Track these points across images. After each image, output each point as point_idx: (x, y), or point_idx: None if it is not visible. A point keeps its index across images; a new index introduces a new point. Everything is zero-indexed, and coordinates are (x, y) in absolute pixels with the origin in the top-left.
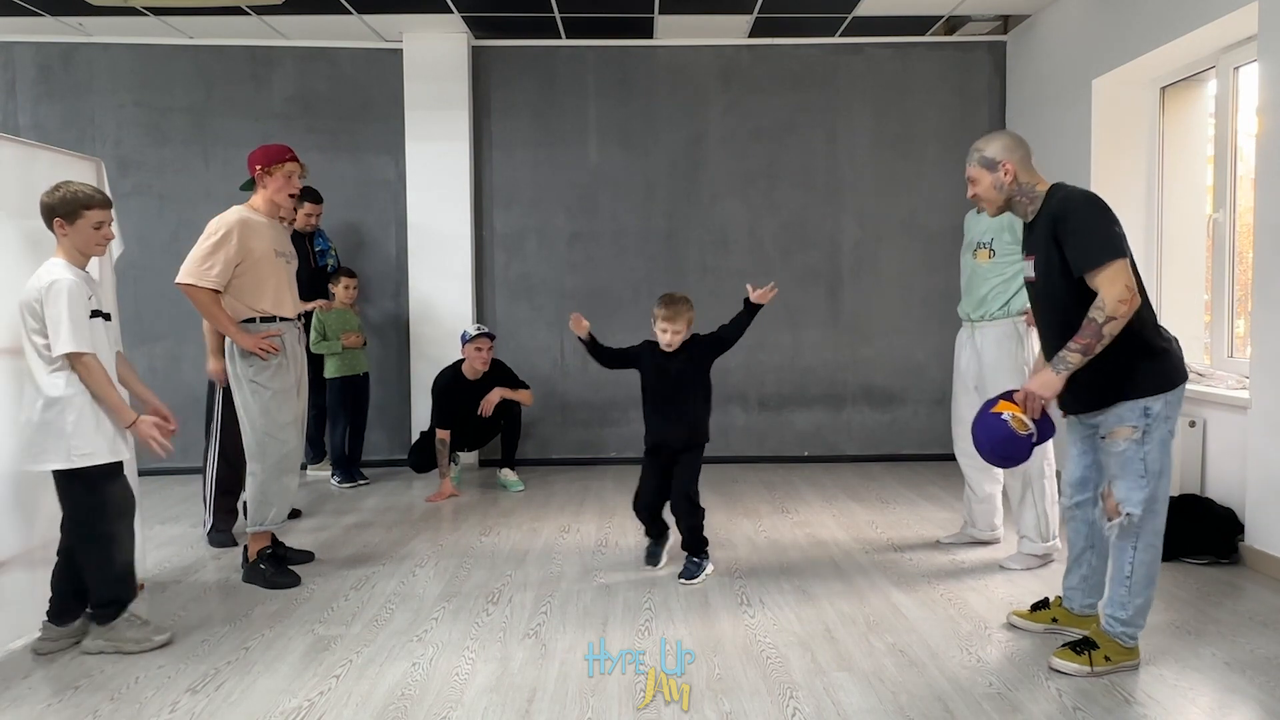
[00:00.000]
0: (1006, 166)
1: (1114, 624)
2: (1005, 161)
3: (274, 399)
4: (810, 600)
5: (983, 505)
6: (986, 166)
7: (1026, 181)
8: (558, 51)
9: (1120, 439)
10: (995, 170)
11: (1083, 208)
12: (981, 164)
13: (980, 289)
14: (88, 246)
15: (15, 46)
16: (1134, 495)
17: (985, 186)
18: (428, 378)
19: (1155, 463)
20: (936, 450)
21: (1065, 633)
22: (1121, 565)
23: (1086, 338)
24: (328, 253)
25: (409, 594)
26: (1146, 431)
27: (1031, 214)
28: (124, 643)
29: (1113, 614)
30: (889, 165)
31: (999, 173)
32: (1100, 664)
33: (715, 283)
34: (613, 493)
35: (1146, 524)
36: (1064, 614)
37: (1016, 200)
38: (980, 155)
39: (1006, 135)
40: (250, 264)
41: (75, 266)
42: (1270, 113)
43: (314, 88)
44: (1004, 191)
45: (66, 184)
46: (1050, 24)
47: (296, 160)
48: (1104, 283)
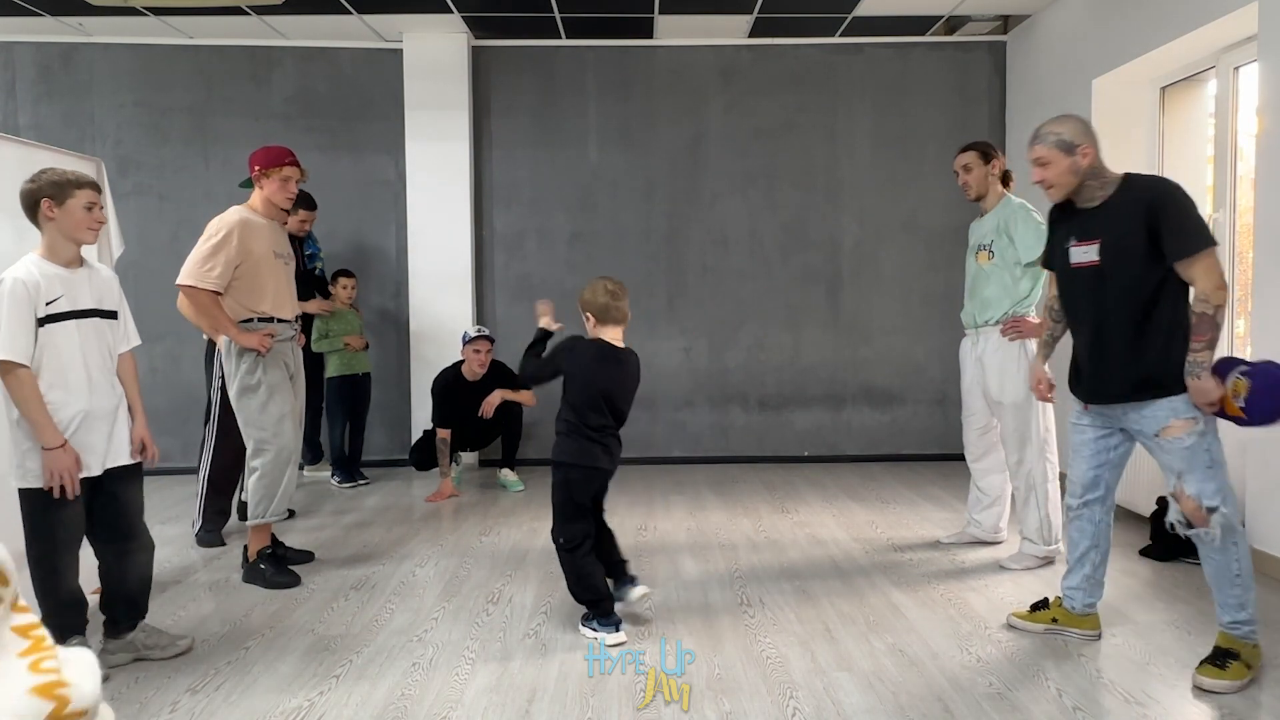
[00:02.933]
0: (1086, 150)
1: (1239, 627)
2: (1085, 145)
3: (268, 394)
4: (810, 600)
5: (993, 508)
6: (1063, 149)
7: (1098, 164)
8: (558, 51)
9: (1181, 433)
10: (1073, 154)
11: (1181, 197)
12: (1058, 146)
13: (983, 291)
14: (78, 230)
15: (15, 46)
16: (1208, 487)
17: (1060, 170)
18: (427, 378)
19: (1219, 452)
20: (936, 450)
21: (1065, 633)
22: (1228, 566)
23: (1208, 332)
24: (316, 256)
25: (409, 594)
26: (1207, 421)
27: (1100, 199)
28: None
29: (1235, 619)
30: (889, 165)
31: (1077, 156)
32: (1245, 674)
33: (715, 283)
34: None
35: (1234, 518)
36: (1064, 614)
37: (1087, 184)
38: (1057, 138)
39: (1078, 119)
40: (250, 265)
41: (51, 262)
42: (1270, 113)
43: (314, 88)
44: (1079, 175)
45: (50, 169)
46: (1050, 24)
47: (296, 165)
48: (1201, 271)
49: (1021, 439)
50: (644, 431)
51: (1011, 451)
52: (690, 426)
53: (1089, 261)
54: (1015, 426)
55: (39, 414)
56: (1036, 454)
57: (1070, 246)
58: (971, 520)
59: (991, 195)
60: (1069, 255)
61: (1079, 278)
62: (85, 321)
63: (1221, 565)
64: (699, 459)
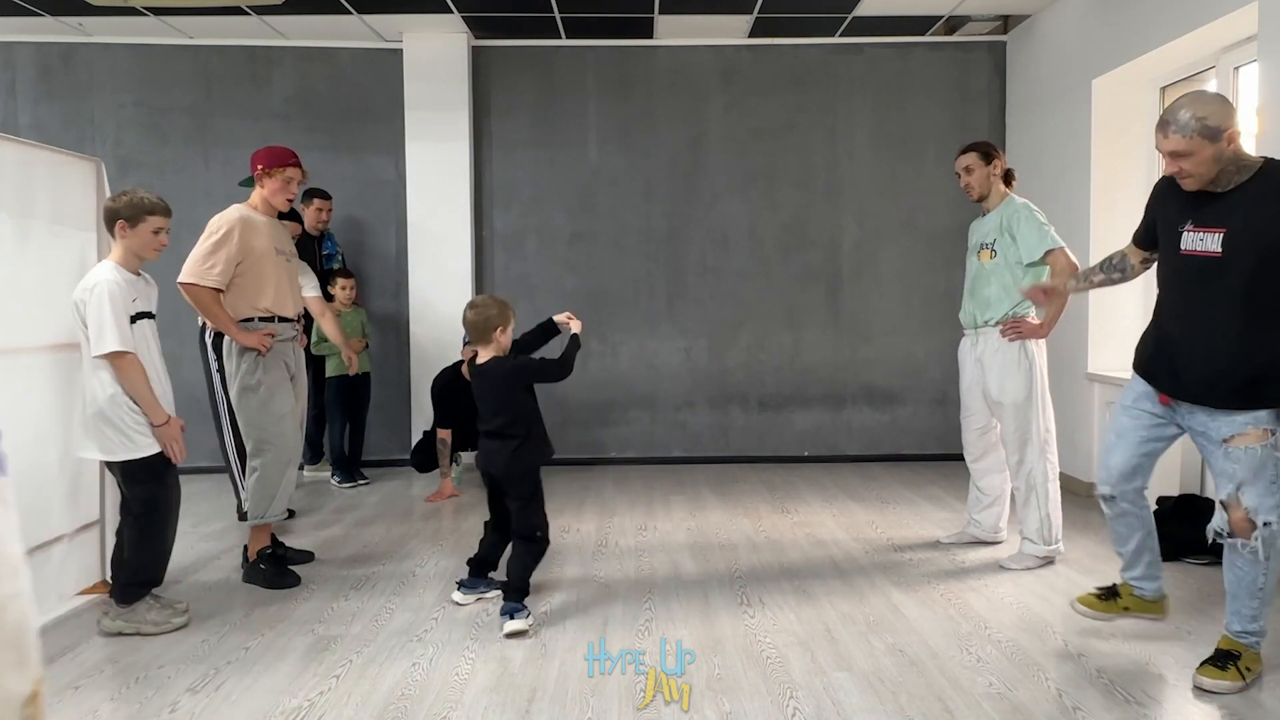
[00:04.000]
0: (1231, 134)
1: (1248, 636)
2: (1230, 129)
3: (268, 393)
4: (810, 600)
5: (993, 508)
6: (1209, 137)
7: (1239, 147)
8: (558, 51)
9: (1253, 442)
10: (1219, 140)
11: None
12: (1202, 133)
13: (984, 290)
14: (144, 250)
15: (15, 46)
16: (1267, 502)
17: (1204, 159)
18: (427, 378)
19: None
20: (936, 450)
21: (1140, 618)
22: (1255, 579)
23: None
24: (335, 256)
25: (409, 594)
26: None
27: (1235, 184)
28: (144, 624)
29: (1244, 629)
30: (889, 165)
31: (1222, 142)
32: (1245, 677)
33: (715, 283)
34: (613, 493)
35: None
36: (1137, 602)
37: (1224, 170)
38: (1201, 124)
39: (1218, 97)
40: (251, 262)
41: (125, 269)
42: (1270, 113)
43: (314, 88)
44: (1222, 163)
45: (132, 191)
46: (1050, 24)
47: (299, 166)
48: None
49: (1022, 439)
50: (644, 431)
51: (1012, 452)
52: (690, 426)
53: (1206, 251)
54: (1015, 427)
55: (148, 394)
56: (1037, 454)
57: (1185, 231)
58: (971, 520)
59: (994, 195)
60: (1180, 240)
61: (1189, 266)
62: (147, 322)
63: (1249, 577)
64: (699, 459)
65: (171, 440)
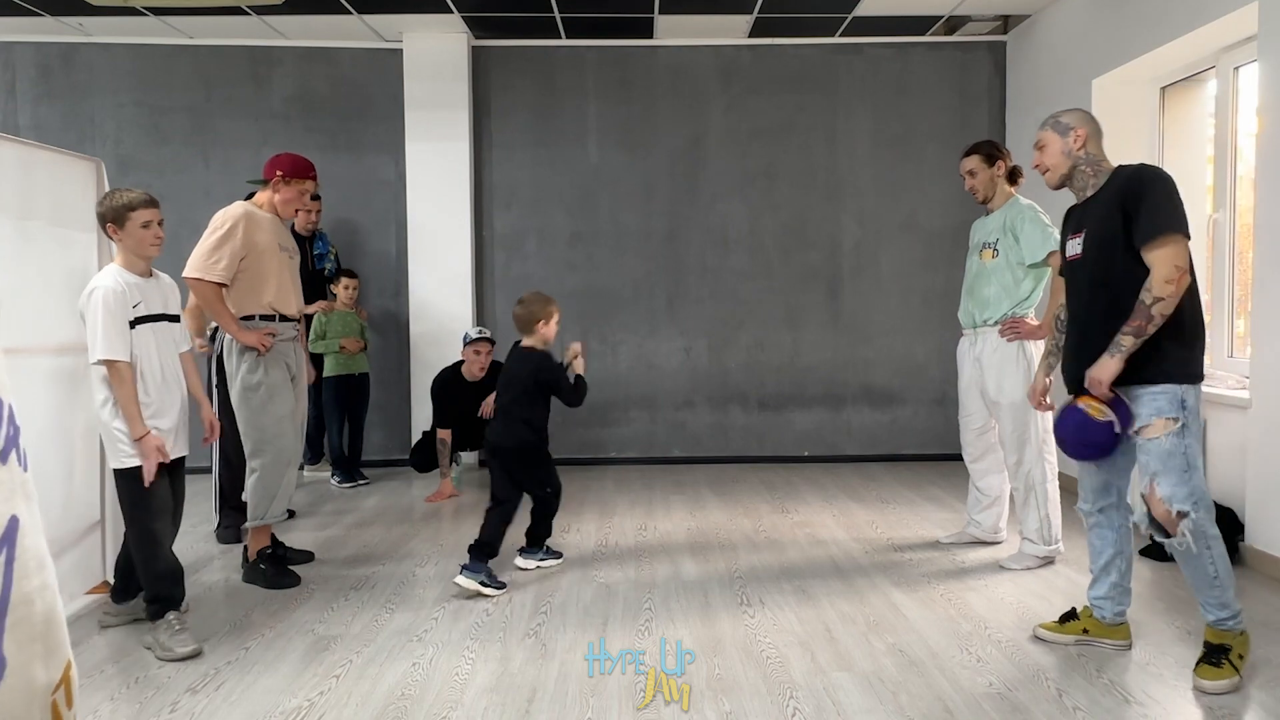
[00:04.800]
0: (1078, 133)
1: (1225, 621)
2: (1078, 128)
3: (269, 394)
4: (810, 600)
5: (993, 509)
6: (1059, 131)
7: (1094, 153)
8: (558, 51)
9: (1159, 432)
10: (1066, 135)
11: (1159, 182)
12: (1054, 128)
13: (984, 289)
14: (140, 247)
15: (15, 46)
16: (1179, 491)
17: (1053, 152)
18: (427, 378)
19: (1195, 456)
20: (936, 450)
21: (1096, 644)
22: (1204, 570)
23: (1138, 320)
24: (326, 256)
25: (409, 594)
26: (1185, 424)
27: (1092, 189)
28: (156, 646)
29: (1219, 617)
30: (889, 165)
31: (1069, 139)
32: (1240, 666)
33: (715, 283)
34: (613, 493)
35: (1207, 522)
36: (1095, 624)
37: (1080, 169)
38: (1054, 120)
39: (1082, 111)
40: (254, 258)
41: (129, 271)
42: (1270, 113)
43: (314, 88)
44: (1070, 158)
45: (112, 192)
46: (1050, 24)
47: (315, 180)
48: (1158, 260)
49: (1020, 439)
50: (644, 431)
51: (1010, 452)
52: (690, 426)
53: (1075, 255)
54: (1014, 427)
55: (131, 405)
56: (1035, 454)
57: (1068, 240)
58: (971, 520)
59: (999, 195)
60: (1066, 249)
61: (1071, 270)
62: (158, 325)
63: (1198, 569)
64: (699, 459)
65: (148, 456)
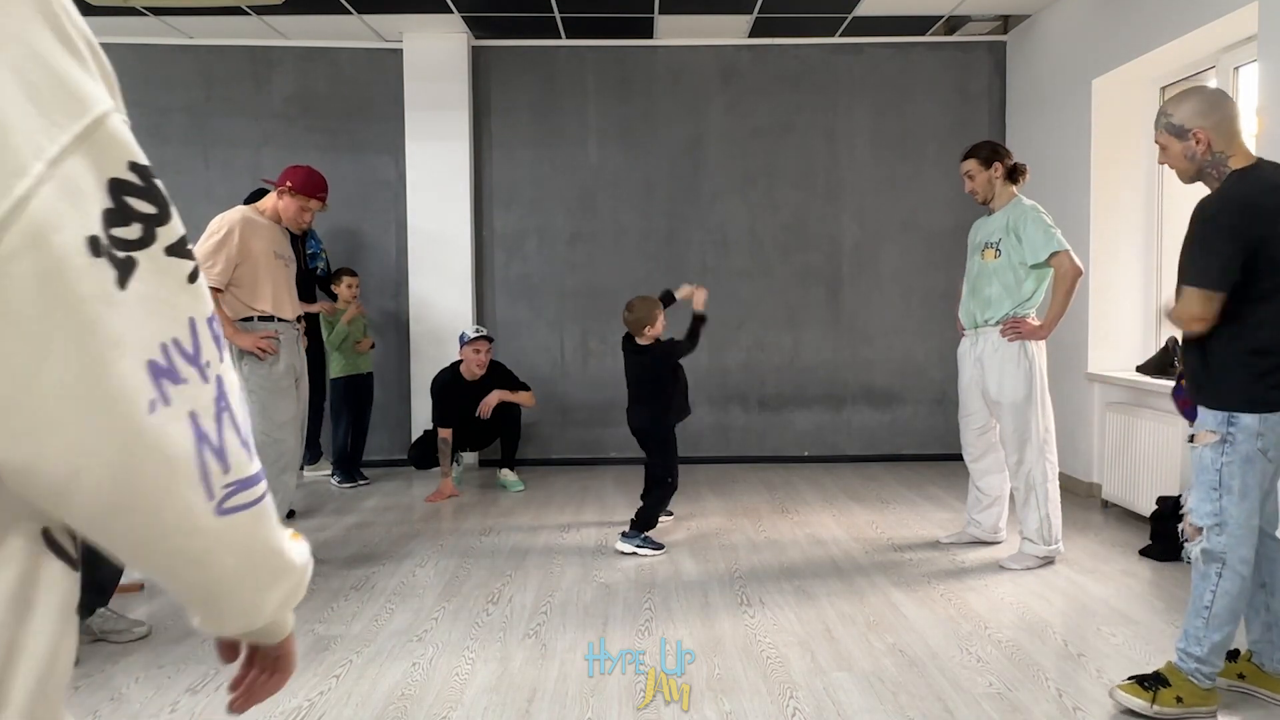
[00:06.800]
0: (1198, 135)
1: (1187, 660)
2: (1197, 128)
3: (269, 398)
4: (810, 600)
5: (993, 509)
6: (1174, 133)
7: (1221, 152)
8: (558, 51)
9: (1201, 443)
10: (1185, 139)
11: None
12: (1168, 129)
13: (985, 289)
14: None
15: None
16: (1203, 507)
17: (1174, 155)
18: (427, 378)
19: (1231, 478)
20: (936, 450)
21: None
22: (1201, 594)
23: None
24: (318, 255)
25: (409, 594)
26: (1229, 442)
27: None
28: (109, 634)
29: (1186, 649)
30: (889, 165)
31: (1188, 142)
32: (1168, 704)
33: (715, 283)
34: (613, 493)
35: (1231, 550)
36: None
37: (1207, 173)
38: (1167, 120)
39: (1199, 96)
40: (250, 264)
41: None
42: (1270, 113)
43: (314, 88)
44: (1195, 163)
45: None
46: (1050, 24)
47: (323, 201)
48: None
49: (1021, 439)
50: None
51: (1011, 452)
52: (690, 426)
53: None
54: (1015, 427)
55: None
56: (1036, 454)
57: None
58: (971, 520)
59: (999, 195)
60: None
61: None
62: None
63: (1197, 590)
64: (699, 459)
65: None
